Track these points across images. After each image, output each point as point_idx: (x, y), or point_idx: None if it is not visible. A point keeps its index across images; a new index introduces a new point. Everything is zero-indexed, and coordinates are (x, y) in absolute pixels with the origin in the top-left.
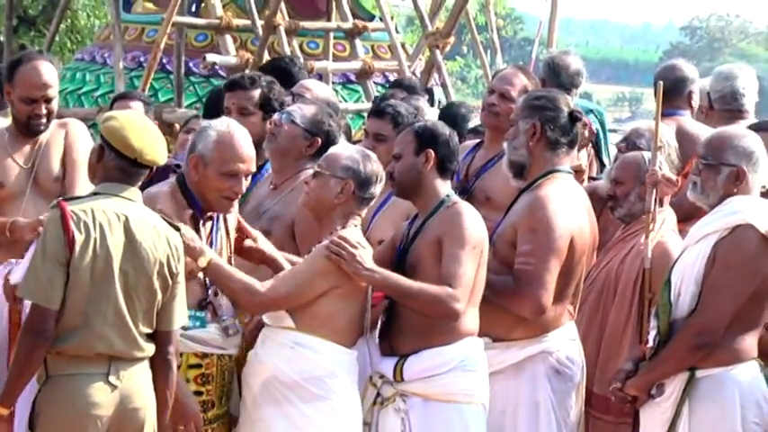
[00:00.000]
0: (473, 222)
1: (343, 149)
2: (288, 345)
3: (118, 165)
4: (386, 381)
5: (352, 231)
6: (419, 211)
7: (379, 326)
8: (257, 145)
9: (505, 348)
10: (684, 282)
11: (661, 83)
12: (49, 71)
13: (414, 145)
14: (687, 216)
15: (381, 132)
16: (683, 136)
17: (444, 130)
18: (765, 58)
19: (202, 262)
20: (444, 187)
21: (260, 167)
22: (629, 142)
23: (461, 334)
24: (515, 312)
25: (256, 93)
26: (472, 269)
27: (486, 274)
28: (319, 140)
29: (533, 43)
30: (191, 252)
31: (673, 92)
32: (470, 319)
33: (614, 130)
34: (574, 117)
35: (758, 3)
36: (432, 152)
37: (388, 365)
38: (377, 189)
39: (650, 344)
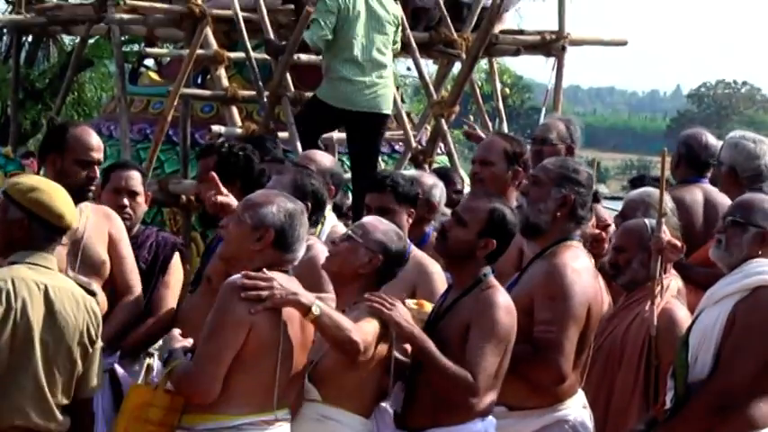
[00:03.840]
0: (504, 314)
1: (379, 222)
2: (314, 417)
3: (44, 234)
4: None
5: None
6: (454, 283)
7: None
8: None
9: (522, 417)
10: (705, 343)
11: (665, 149)
12: (96, 135)
13: (481, 226)
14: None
15: (385, 205)
16: (708, 203)
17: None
18: None
19: (316, 310)
20: (485, 266)
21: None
22: (624, 216)
23: (474, 414)
24: (535, 380)
25: (211, 160)
26: (495, 362)
27: None
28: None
29: (540, 112)
30: (299, 307)
31: (696, 159)
32: (487, 400)
33: (620, 198)
34: (596, 198)
35: (766, 70)
36: (493, 242)
37: None
38: (399, 271)
39: (668, 405)
